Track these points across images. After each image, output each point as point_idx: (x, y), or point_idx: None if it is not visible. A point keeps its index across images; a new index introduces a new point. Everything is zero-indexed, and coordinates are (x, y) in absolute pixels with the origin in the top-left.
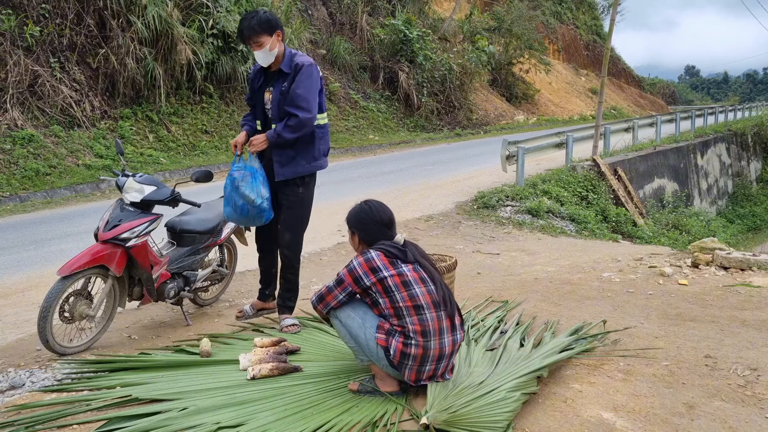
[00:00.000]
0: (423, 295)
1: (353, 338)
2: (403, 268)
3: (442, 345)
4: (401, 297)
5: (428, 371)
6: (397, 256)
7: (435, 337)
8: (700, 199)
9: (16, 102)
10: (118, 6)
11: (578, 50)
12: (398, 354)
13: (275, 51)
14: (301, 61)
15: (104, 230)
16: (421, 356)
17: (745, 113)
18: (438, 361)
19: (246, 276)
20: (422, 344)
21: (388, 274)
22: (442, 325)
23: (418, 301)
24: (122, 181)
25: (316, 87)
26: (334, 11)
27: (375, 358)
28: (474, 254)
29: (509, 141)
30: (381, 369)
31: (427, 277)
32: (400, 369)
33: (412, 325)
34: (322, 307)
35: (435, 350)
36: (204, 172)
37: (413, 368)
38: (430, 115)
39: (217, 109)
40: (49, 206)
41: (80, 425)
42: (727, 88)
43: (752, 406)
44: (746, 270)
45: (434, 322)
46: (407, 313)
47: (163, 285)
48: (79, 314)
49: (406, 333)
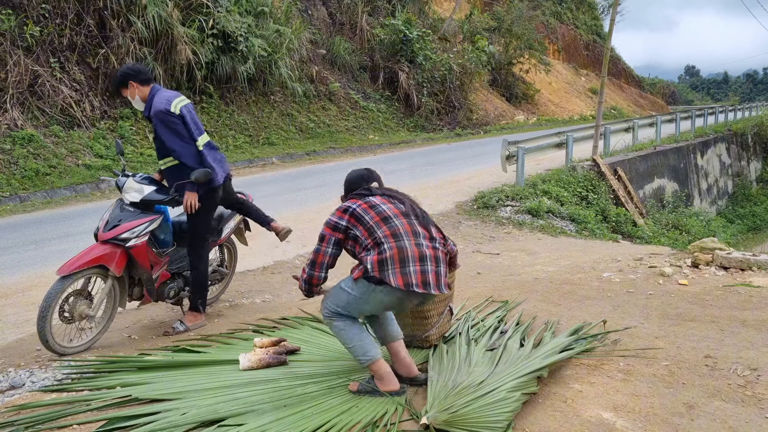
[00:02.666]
0: (390, 209)
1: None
2: (370, 199)
3: (419, 246)
4: (370, 217)
5: (415, 274)
6: (364, 194)
7: (409, 237)
8: (700, 199)
9: (16, 102)
10: (118, 6)
11: (578, 50)
12: (376, 265)
13: (137, 98)
14: (154, 110)
15: (104, 230)
16: (398, 257)
17: (745, 113)
18: (421, 261)
19: (246, 276)
20: (395, 245)
21: (356, 205)
22: (416, 230)
23: (386, 214)
24: (122, 182)
25: (173, 130)
26: (334, 11)
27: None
28: (474, 254)
29: (509, 141)
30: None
31: (394, 200)
32: (385, 278)
33: (382, 233)
34: (317, 272)
35: (412, 250)
36: (203, 171)
37: (396, 271)
38: (430, 115)
39: (217, 109)
40: (49, 206)
41: (80, 425)
42: (727, 88)
43: (752, 406)
44: (746, 270)
45: (405, 226)
46: (378, 228)
47: (163, 285)
48: (79, 314)
49: (378, 242)
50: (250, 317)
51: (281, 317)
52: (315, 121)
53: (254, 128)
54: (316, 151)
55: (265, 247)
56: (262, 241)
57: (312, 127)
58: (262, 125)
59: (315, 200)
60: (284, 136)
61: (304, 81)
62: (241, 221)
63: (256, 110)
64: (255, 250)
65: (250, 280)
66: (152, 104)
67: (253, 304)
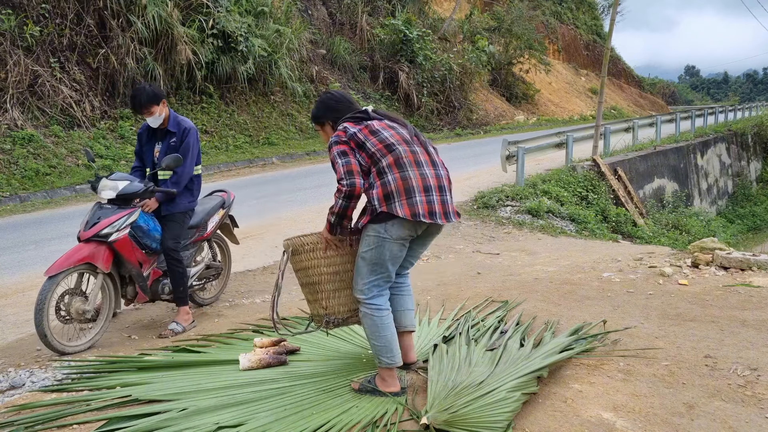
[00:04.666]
0: (392, 136)
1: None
2: (370, 123)
3: (423, 175)
4: (372, 143)
5: (422, 204)
6: (362, 118)
7: (412, 167)
8: (700, 199)
9: (16, 102)
10: (118, 6)
11: (578, 50)
12: (382, 198)
13: (162, 115)
14: (188, 125)
15: (84, 230)
16: (403, 188)
17: (745, 113)
18: (426, 192)
19: (246, 276)
20: (399, 175)
21: (357, 129)
22: (419, 159)
23: (388, 141)
24: (96, 184)
25: (196, 149)
26: (334, 11)
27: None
28: (474, 254)
29: (509, 141)
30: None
31: (395, 124)
32: (392, 210)
33: (386, 161)
34: (358, 179)
35: (417, 180)
36: (174, 157)
37: (403, 203)
38: (430, 115)
39: (217, 109)
40: (49, 206)
41: (80, 425)
42: (727, 88)
43: (752, 406)
44: (746, 270)
45: (407, 154)
46: (381, 155)
47: (156, 282)
48: (75, 311)
49: (382, 171)
50: (250, 317)
51: (282, 317)
52: None
53: (254, 128)
54: (316, 151)
55: (265, 247)
56: (262, 241)
57: (312, 127)
58: (262, 125)
59: (315, 200)
60: (284, 136)
61: (304, 81)
62: (225, 215)
63: (256, 110)
64: (255, 251)
65: (250, 280)
66: (180, 120)
67: (253, 304)
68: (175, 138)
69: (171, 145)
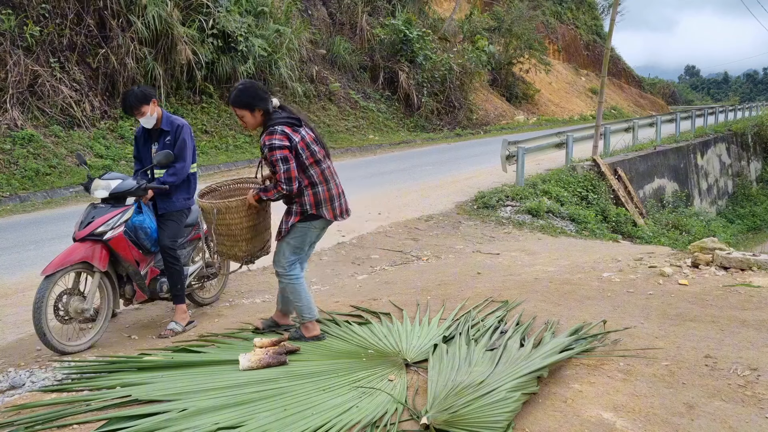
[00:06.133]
0: (319, 151)
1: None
2: (302, 132)
3: (336, 185)
4: (305, 156)
5: (337, 207)
6: (295, 123)
7: (331, 180)
8: (700, 199)
9: (16, 102)
10: (118, 6)
11: (578, 50)
12: (313, 204)
13: (154, 115)
14: (181, 122)
15: (79, 230)
16: (328, 197)
17: (745, 113)
18: (339, 198)
19: (246, 276)
20: (326, 187)
21: (297, 140)
22: (333, 171)
23: (317, 156)
24: (89, 185)
25: (191, 146)
26: (334, 11)
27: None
28: (474, 254)
29: (509, 141)
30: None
31: (317, 138)
32: (321, 214)
33: (316, 176)
34: (295, 185)
35: (334, 189)
36: (164, 153)
37: (328, 208)
38: (430, 115)
39: (217, 109)
40: (49, 206)
41: (80, 425)
42: (727, 88)
43: (752, 406)
44: (746, 270)
45: (328, 169)
46: (312, 170)
47: (154, 281)
48: (74, 310)
49: (313, 182)
50: (250, 317)
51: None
52: (315, 121)
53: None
54: None
55: None
56: None
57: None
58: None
59: None
60: None
61: (304, 81)
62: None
63: None
64: None
65: (250, 280)
66: (172, 119)
67: (253, 304)
68: (169, 136)
69: (166, 144)
